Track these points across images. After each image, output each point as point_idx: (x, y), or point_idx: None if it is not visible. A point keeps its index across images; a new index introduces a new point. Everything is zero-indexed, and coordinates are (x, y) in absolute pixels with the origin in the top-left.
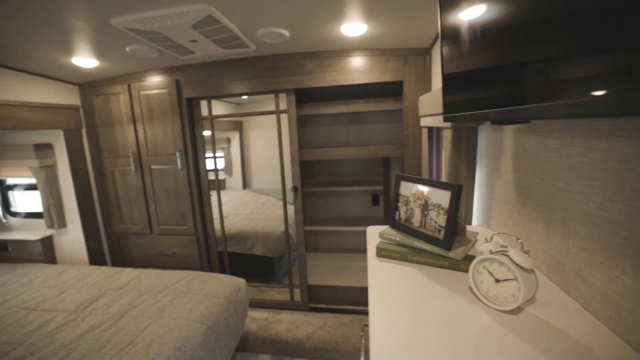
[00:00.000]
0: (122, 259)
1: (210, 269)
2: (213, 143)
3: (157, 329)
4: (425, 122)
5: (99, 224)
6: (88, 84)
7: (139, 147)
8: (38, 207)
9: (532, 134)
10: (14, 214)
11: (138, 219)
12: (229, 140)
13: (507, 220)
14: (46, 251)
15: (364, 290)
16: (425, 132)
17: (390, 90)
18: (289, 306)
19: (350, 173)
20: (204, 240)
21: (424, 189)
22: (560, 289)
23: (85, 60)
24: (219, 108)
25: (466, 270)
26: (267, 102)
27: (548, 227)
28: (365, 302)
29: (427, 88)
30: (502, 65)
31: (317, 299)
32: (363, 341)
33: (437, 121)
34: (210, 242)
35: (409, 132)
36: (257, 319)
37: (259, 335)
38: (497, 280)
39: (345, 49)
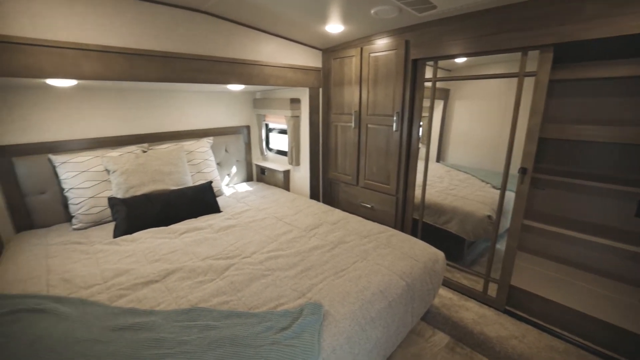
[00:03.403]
0: (330, 200)
1: (403, 232)
2: (431, 108)
3: (363, 267)
4: None
5: (319, 168)
6: (329, 49)
7: (360, 106)
8: (284, 147)
9: None
10: (270, 150)
11: (349, 170)
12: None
13: None
14: (285, 181)
15: (597, 322)
16: None
17: None
18: (479, 297)
19: (603, 164)
20: (403, 203)
21: None
22: None
23: (335, 26)
24: (429, 74)
25: None
26: (485, 67)
27: None
28: (601, 342)
29: None
30: None
31: (517, 304)
32: None
33: None
34: (408, 206)
35: None
36: (441, 296)
37: (441, 312)
38: None
39: None
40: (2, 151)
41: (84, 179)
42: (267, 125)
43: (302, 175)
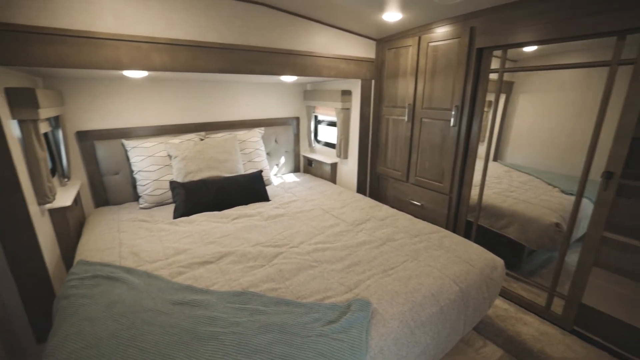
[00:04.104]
0: (377, 196)
1: (455, 234)
2: (496, 102)
3: (414, 267)
4: None
5: (367, 162)
6: (384, 39)
7: (415, 99)
8: (332, 140)
9: None
10: (318, 142)
11: (399, 165)
12: (490, 104)
13: None
14: (332, 173)
15: None
16: None
17: None
18: (541, 313)
19: None
20: (456, 204)
21: None
22: None
23: (392, 14)
24: (495, 65)
25: None
26: (559, 56)
27: None
28: None
29: None
30: None
31: (588, 325)
32: None
33: None
34: (462, 207)
35: None
36: (496, 306)
37: (495, 324)
38: None
39: None
40: (87, 135)
41: (150, 163)
42: (316, 117)
43: (349, 169)
